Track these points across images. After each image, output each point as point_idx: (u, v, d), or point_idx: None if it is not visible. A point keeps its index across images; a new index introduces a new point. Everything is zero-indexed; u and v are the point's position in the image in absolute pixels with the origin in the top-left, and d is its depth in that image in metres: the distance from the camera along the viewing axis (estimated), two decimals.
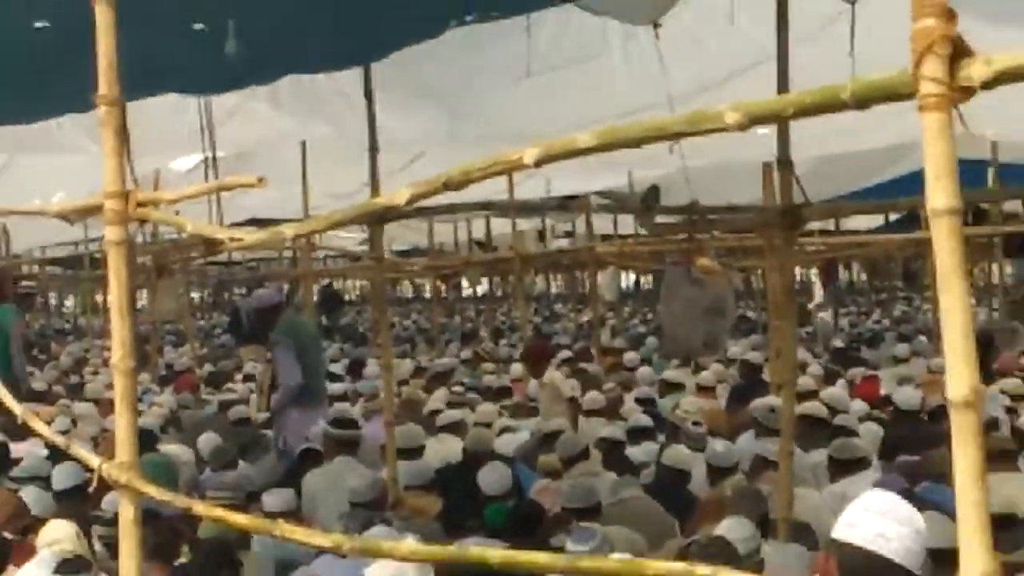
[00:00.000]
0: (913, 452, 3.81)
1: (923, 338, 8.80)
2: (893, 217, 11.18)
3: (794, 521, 3.12)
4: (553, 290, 20.80)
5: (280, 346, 5.17)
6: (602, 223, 9.89)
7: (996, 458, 3.29)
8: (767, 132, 3.35)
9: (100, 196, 1.53)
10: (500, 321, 14.19)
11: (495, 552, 1.03)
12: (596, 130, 0.77)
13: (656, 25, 3.77)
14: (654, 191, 5.48)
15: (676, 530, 3.59)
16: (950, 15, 0.61)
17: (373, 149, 4.14)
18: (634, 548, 3.03)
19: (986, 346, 5.49)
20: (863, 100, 0.69)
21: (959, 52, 0.62)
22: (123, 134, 1.60)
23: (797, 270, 8.91)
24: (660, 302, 5.58)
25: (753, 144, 3.78)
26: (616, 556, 1.90)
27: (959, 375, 0.54)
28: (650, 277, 14.46)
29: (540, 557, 0.94)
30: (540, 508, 3.55)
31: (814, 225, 7.83)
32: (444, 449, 4.72)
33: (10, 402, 1.90)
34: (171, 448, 4.81)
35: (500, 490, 3.67)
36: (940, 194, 0.60)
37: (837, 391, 5.53)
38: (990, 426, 4.16)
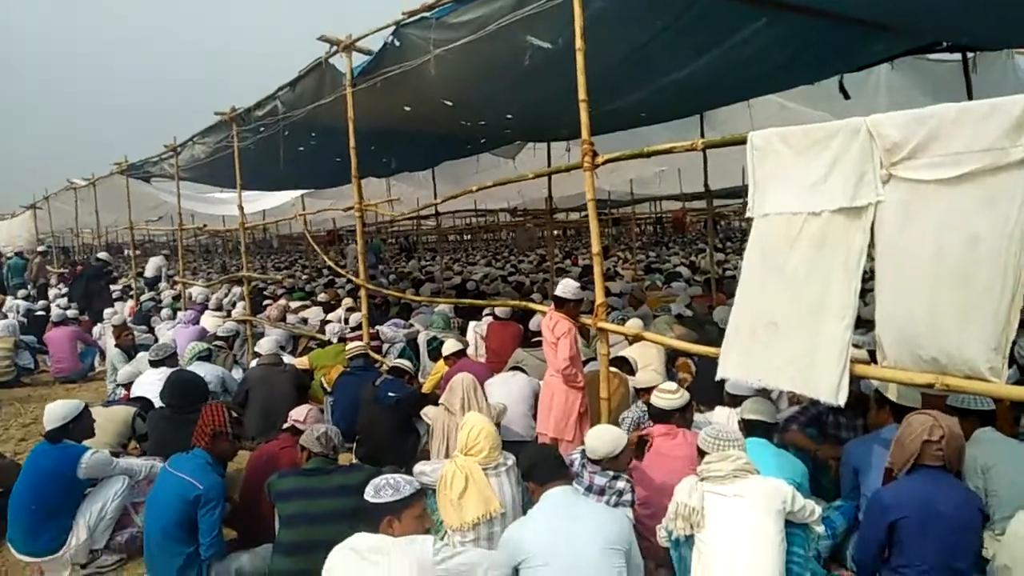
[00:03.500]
0: None
1: None
2: None
3: None
4: None
5: None
6: None
7: None
8: None
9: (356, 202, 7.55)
10: None
11: None
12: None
13: (514, 157, 12.82)
14: None
15: None
16: (592, 143, 4.26)
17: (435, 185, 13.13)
18: None
19: None
20: (570, 167, 4.66)
21: (596, 153, 4.29)
22: (360, 189, 7.57)
23: None
24: None
25: None
26: None
27: None
28: None
29: None
30: None
31: None
32: None
33: None
34: None
35: None
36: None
37: None
38: None
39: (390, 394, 5.07)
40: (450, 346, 6.20)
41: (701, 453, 3.17)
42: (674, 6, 4.97)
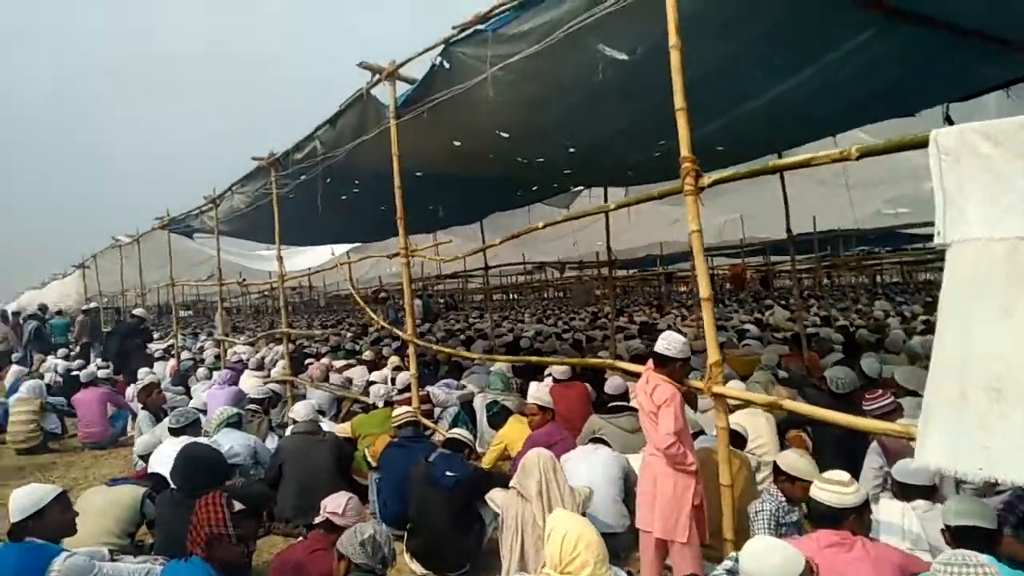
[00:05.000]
0: None
1: None
2: None
3: None
4: None
5: None
6: None
7: None
8: None
9: (400, 247, 6.61)
10: None
11: None
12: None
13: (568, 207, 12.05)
14: None
15: None
16: (695, 160, 3.32)
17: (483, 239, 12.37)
18: None
19: None
20: (664, 194, 3.68)
21: (699, 175, 3.36)
22: (405, 232, 6.87)
23: None
24: None
25: None
26: None
27: None
28: None
29: None
30: None
31: None
32: None
33: None
34: None
35: None
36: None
37: None
38: None
39: (448, 473, 4.18)
40: (539, 396, 5.28)
41: None
42: (776, 3, 4.20)
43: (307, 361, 10.16)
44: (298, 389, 8.31)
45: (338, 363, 10.44)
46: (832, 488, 2.84)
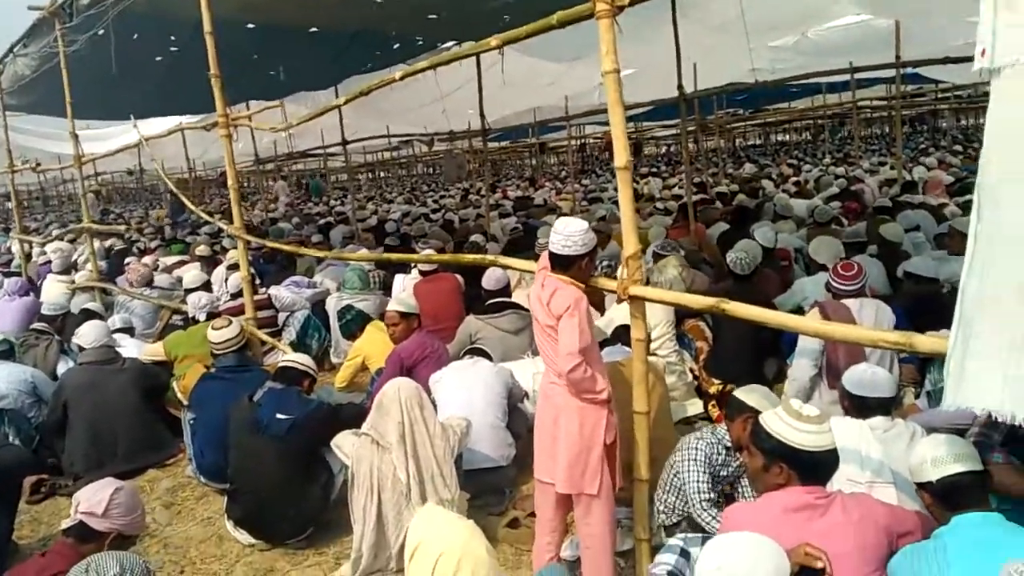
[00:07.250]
0: None
1: None
2: None
3: None
4: None
5: None
6: None
7: None
8: None
9: (219, 115, 4.91)
10: None
11: None
12: None
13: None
14: None
15: None
16: None
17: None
18: None
19: None
20: (565, 21, 2.19)
21: None
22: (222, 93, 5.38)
23: None
24: None
25: None
26: None
27: None
28: None
29: None
30: None
31: None
32: None
33: None
34: None
35: None
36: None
37: None
38: None
39: (279, 416, 3.13)
40: (401, 300, 4.23)
41: None
42: None
43: (127, 260, 8.58)
44: (112, 297, 6.87)
45: (170, 259, 8.93)
46: (802, 428, 1.97)
